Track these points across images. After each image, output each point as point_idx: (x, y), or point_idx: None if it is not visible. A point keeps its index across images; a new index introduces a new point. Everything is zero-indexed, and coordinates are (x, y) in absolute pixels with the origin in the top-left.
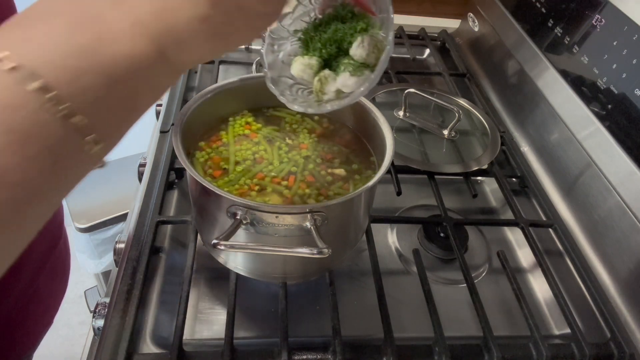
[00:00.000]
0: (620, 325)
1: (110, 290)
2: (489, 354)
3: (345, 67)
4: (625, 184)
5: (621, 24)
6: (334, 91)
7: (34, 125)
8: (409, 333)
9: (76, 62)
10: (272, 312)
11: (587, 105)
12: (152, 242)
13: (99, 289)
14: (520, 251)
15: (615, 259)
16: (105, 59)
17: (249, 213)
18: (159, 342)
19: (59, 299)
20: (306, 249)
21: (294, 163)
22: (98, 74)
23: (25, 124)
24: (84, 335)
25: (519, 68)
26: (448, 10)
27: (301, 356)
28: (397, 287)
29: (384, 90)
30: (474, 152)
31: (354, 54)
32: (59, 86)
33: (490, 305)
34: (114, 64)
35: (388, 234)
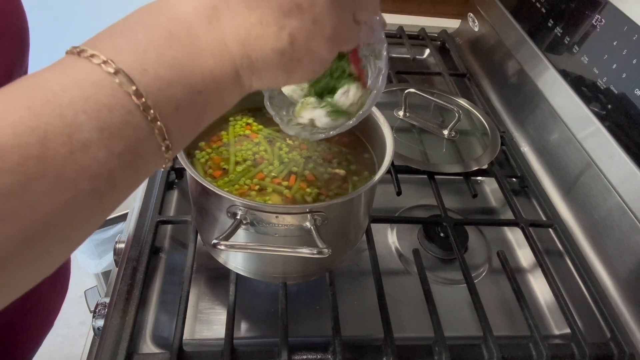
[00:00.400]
0: (620, 325)
1: (110, 290)
2: (489, 354)
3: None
4: (625, 184)
5: (621, 24)
6: (309, 119)
7: (124, 125)
8: (409, 333)
9: (167, 73)
10: (272, 312)
11: (587, 105)
12: (152, 242)
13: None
14: (520, 251)
15: (615, 259)
16: (192, 73)
17: (249, 213)
18: (159, 342)
19: (60, 301)
20: (306, 249)
21: (294, 163)
22: (184, 86)
23: (117, 123)
24: (84, 335)
25: (519, 68)
26: (448, 10)
27: (301, 356)
28: (397, 287)
29: (384, 90)
30: (474, 152)
31: (337, 100)
32: (150, 93)
33: (490, 305)
34: (199, 79)
35: (388, 234)
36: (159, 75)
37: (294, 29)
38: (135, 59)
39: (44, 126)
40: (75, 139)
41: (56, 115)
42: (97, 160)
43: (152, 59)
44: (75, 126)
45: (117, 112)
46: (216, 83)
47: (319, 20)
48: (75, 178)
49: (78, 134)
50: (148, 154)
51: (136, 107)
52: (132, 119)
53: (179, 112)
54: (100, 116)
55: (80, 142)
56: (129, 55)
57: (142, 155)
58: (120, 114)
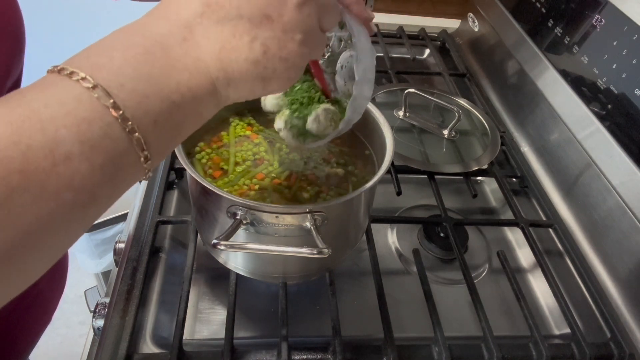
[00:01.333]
0: (620, 325)
1: (110, 290)
2: (489, 354)
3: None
4: (625, 184)
5: (621, 24)
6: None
7: (104, 137)
8: (409, 333)
9: (144, 88)
10: (272, 312)
11: (587, 105)
12: (152, 242)
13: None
14: (520, 251)
15: (615, 259)
16: (169, 87)
17: (249, 213)
18: (159, 342)
19: (57, 297)
20: (306, 249)
21: (294, 164)
22: (161, 99)
23: (96, 135)
24: (84, 335)
25: (519, 68)
26: (448, 10)
27: (301, 356)
28: (397, 287)
29: (384, 90)
30: (474, 152)
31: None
32: (127, 106)
33: (490, 305)
34: (176, 92)
35: (388, 234)
36: (136, 89)
37: (265, 39)
38: (112, 75)
39: (26, 140)
40: (57, 152)
41: (37, 130)
42: (79, 172)
43: (128, 75)
44: (57, 140)
45: (97, 124)
46: (193, 96)
47: (288, 29)
48: (57, 190)
49: (60, 147)
50: (128, 165)
51: (114, 119)
52: (111, 131)
53: (157, 124)
54: (81, 130)
55: (62, 155)
56: (106, 72)
57: (122, 167)
58: (99, 127)
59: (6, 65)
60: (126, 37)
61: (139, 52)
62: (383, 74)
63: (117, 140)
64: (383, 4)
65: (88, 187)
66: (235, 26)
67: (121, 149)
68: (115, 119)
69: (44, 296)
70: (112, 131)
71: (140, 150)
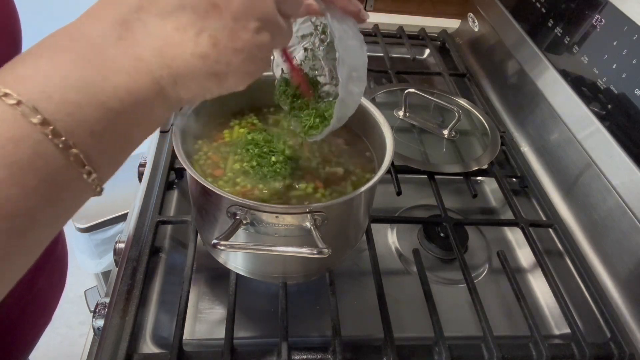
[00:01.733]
0: (620, 325)
1: (110, 290)
2: (489, 354)
3: None
4: (625, 184)
5: (621, 24)
6: None
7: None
8: (409, 333)
9: (76, 97)
10: (272, 312)
11: (587, 105)
12: (152, 242)
13: (99, 289)
14: (520, 251)
15: (615, 259)
16: (105, 93)
17: (249, 213)
18: (159, 342)
19: (57, 297)
20: (306, 249)
21: (294, 163)
22: (97, 107)
23: (26, 156)
24: (84, 335)
25: (519, 68)
26: (448, 10)
27: (301, 356)
28: (397, 287)
29: (384, 90)
30: (474, 152)
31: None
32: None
33: (490, 305)
34: (113, 98)
35: (388, 234)
36: (66, 99)
37: (214, 30)
38: (38, 87)
39: None
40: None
41: None
42: (10, 198)
43: (57, 84)
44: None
45: (25, 144)
46: (135, 100)
47: (239, 16)
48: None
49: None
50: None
51: (44, 136)
52: (42, 149)
53: (96, 135)
54: (7, 152)
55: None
56: (31, 84)
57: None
58: (28, 146)
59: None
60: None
61: (67, 57)
62: (383, 74)
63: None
64: (383, 4)
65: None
66: (178, 18)
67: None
68: (46, 135)
69: (44, 296)
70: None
71: (80, 167)
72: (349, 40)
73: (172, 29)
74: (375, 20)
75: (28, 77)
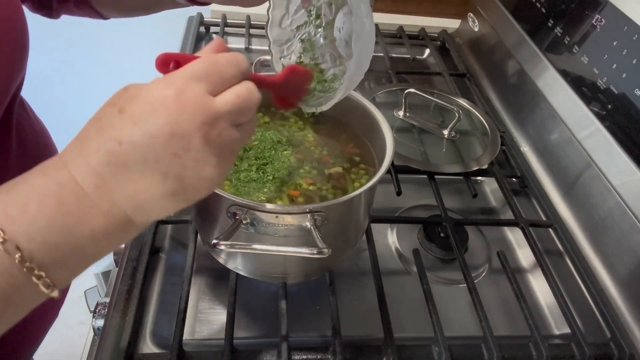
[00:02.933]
0: (620, 325)
1: (110, 290)
2: (489, 354)
3: None
4: (625, 184)
5: (621, 24)
6: None
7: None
8: (409, 333)
9: (55, 239)
10: (272, 312)
11: (587, 105)
12: (152, 242)
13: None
14: (520, 251)
15: (615, 259)
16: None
17: (249, 213)
18: (159, 342)
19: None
20: (306, 249)
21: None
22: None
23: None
24: (84, 335)
25: (519, 68)
26: (448, 10)
27: (301, 356)
28: (397, 287)
29: (384, 90)
30: (474, 152)
31: None
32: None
33: (490, 305)
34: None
35: (388, 234)
36: (47, 241)
37: (178, 172)
38: (24, 228)
39: None
40: None
41: None
42: None
43: (41, 227)
44: None
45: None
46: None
47: (200, 157)
48: None
49: None
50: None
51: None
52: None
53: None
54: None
55: None
56: (18, 225)
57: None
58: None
59: (11, 68)
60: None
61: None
62: (383, 74)
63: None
64: (383, 4)
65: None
66: (143, 169)
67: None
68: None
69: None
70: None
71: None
72: (365, 10)
73: (139, 177)
74: (375, 20)
75: (17, 218)
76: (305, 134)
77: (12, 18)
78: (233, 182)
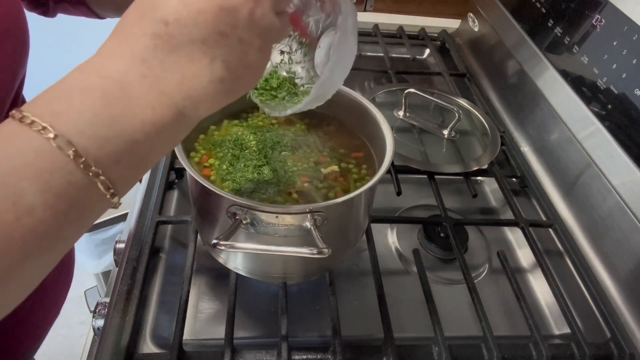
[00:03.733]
0: (620, 325)
1: (110, 290)
2: (489, 354)
3: None
4: (625, 184)
5: (621, 24)
6: None
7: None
8: (409, 333)
9: (106, 132)
10: (272, 312)
11: (587, 105)
12: (152, 242)
13: (99, 289)
14: (520, 251)
15: (615, 259)
16: (132, 127)
17: (249, 213)
18: (159, 342)
19: (64, 295)
20: (306, 249)
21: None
22: (125, 141)
23: (58, 184)
24: (84, 335)
25: (519, 68)
26: (448, 10)
27: (301, 356)
28: (397, 287)
29: (384, 90)
30: (474, 152)
31: None
32: (89, 152)
33: (490, 305)
34: (140, 131)
35: (388, 234)
36: (97, 134)
37: (225, 55)
38: (72, 122)
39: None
40: (20, 204)
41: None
42: (44, 221)
43: (89, 120)
44: (19, 193)
45: (58, 174)
46: (158, 129)
47: (245, 38)
48: (24, 241)
49: (22, 199)
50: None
51: (77, 167)
52: (73, 179)
53: (122, 164)
54: (42, 180)
55: (25, 207)
56: (66, 119)
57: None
58: (61, 175)
59: (13, 67)
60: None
61: (97, 95)
62: (383, 74)
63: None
64: (383, 4)
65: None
66: (191, 51)
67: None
68: (77, 166)
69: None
70: (75, 178)
71: (105, 190)
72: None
73: (187, 62)
74: (375, 20)
75: (63, 113)
76: (304, 134)
77: (12, 15)
78: (232, 182)
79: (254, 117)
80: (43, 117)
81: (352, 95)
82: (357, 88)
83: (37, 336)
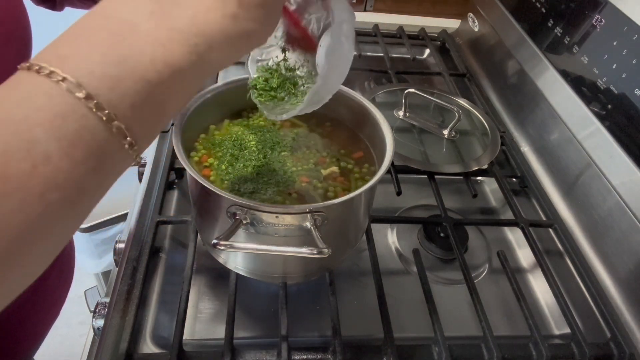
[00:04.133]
0: (620, 325)
1: (110, 290)
2: (489, 354)
3: None
4: (625, 184)
5: (621, 24)
6: None
7: (81, 130)
8: (409, 333)
9: (116, 71)
10: (272, 312)
11: (587, 105)
12: (152, 242)
13: (99, 289)
14: (520, 251)
15: (615, 259)
16: (143, 66)
17: (249, 213)
18: (159, 342)
19: (64, 294)
20: (306, 249)
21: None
22: (136, 81)
23: (73, 129)
24: (84, 335)
25: (519, 68)
26: (448, 10)
27: (301, 356)
28: (397, 287)
29: (384, 90)
30: (474, 152)
31: None
32: (100, 93)
33: (490, 305)
34: (151, 70)
35: (388, 234)
36: (107, 74)
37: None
38: (80, 64)
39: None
40: (35, 152)
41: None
42: (61, 170)
43: (97, 60)
44: (33, 140)
45: (71, 118)
46: (172, 70)
47: None
48: (42, 191)
49: (36, 147)
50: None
51: (89, 110)
52: (87, 123)
53: (136, 107)
54: (55, 125)
55: (40, 155)
56: (73, 61)
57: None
58: (74, 120)
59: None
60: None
61: (104, 35)
62: (383, 74)
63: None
64: (383, 4)
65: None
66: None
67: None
68: (90, 109)
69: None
70: (89, 123)
71: (122, 138)
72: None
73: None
74: (375, 20)
75: (70, 56)
76: (305, 134)
77: (15, 18)
78: (230, 182)
79: (255, 117)
80: (50, 62)
81: (352, 95)
82: (357, 88)
83: (37, 336)
